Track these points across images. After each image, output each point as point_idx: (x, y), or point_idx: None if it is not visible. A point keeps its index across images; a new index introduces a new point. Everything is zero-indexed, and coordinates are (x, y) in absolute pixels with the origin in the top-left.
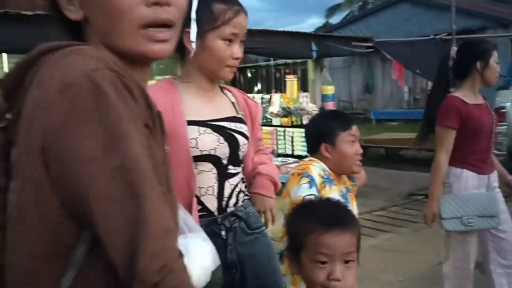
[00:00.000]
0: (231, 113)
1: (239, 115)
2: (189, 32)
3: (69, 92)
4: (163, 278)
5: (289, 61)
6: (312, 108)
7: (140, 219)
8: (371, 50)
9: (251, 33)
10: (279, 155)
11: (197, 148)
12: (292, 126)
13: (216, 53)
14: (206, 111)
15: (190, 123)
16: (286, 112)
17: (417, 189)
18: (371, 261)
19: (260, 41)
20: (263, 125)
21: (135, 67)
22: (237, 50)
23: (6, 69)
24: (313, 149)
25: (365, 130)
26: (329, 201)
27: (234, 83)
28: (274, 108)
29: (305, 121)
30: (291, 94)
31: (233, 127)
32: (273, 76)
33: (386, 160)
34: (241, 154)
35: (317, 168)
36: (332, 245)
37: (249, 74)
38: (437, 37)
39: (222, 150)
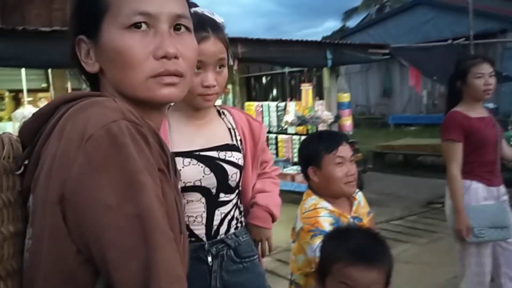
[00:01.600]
0: (224, 140)
1: (233, 142)
2: None
3: (88, 144)
4: None
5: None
6: (328, 116)
7: (151, 267)
8: (388, 57)
9: (265, 42)
10: (295, 164)
11: (181, 180)
12: (308, 134)
13: None
14: (195, 141)
15: (176, 154)
16: (301, 121)
17: (436, 197)
18: None
19: (274, 51)
20: (279, 133)
21: (148, 112)
22: (207, 78)
23: (24, 82)
24: (305, 173)
25: (383, 136)
26: (365, 232)
27: (249, 90)
28: (289, 117)
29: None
30: (306, 102)
31: (222, 157)
32: (288, 84)
33: (404, 167)
34: (232, 183)
35: (325, 217)
36: (356, 279)
37: (264, 82)
38: (455, 42)
39: (208, 181)
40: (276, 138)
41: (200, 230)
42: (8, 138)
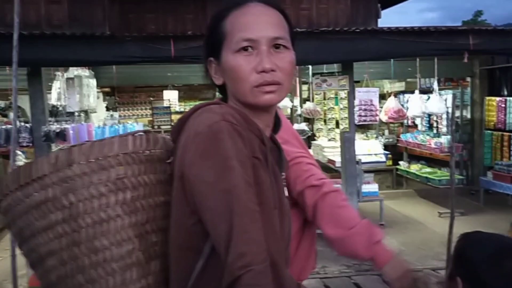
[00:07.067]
0: None
1: None
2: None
3: (197, 138)
4: (244, 274)
5: None
6: None
7: (232, 229)
8: None
9: (503, 33)
10: None
11: None
12: None
13: None
14: None
15: None
16: None
17: None
18: None
19: None
20: None
21: (257, 113)
22: None
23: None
24: None
25: None
26: None
27: (492, 84)
28: None
29: None
30: None
31: None
32: None
33: None
34: None
35: None
36: None
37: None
38: None
39: None
40: None
41: None
42: (162, 137)
